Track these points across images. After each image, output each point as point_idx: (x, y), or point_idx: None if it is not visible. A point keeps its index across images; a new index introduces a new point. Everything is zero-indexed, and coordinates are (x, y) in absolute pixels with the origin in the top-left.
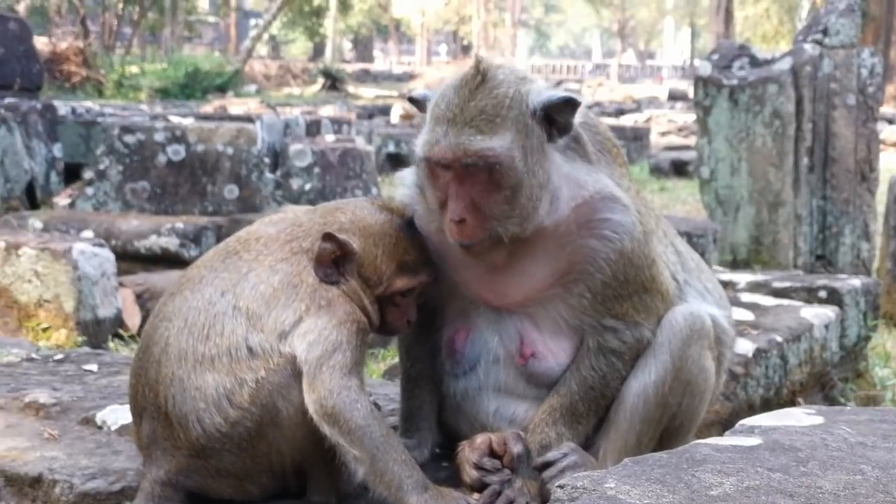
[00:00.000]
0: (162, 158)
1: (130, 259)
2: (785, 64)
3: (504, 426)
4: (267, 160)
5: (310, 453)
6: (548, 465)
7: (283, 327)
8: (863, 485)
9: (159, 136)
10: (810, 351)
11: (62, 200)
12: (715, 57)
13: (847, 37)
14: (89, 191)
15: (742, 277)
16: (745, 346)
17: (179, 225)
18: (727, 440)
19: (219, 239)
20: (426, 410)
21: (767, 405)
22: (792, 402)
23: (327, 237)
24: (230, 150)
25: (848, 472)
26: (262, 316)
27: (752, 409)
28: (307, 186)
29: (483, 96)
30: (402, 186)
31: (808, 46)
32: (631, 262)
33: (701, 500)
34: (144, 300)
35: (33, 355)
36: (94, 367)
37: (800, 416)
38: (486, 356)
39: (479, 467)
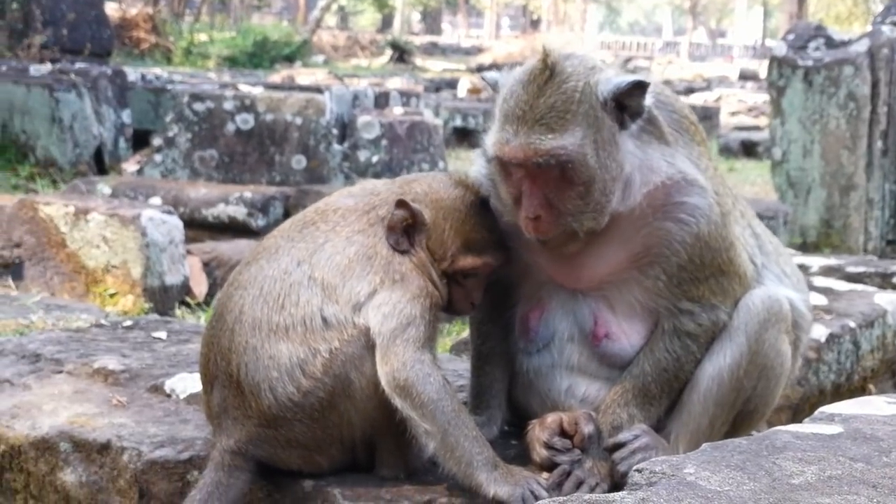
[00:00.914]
0: (231, 127)
1: (198, 227)
2: (862, 46)
3: (575, 405)
4: (335, 131)
5: (380, 426)
6: (619, 446)
7: (357, 299)
8: None
9: (228, 105)
10: (883, 337)
11: (130, 167)
12: (790, 37)
13: None
14: (157, 158)
15: (815, 261)
16: (818, 331)
17: (247, 194)
18: (807, 427)
19: (286, 209)
20: (496, 388)
21: (838, 391)
22: (863, 389)
23: (400, 204)
24: (299, 121)
25: None
26: (338, 287)
27: (822, 395)
28: (374, 158)
29: (552, 92)
30: (478, 166)
31: (885, 28)
32: (708, 245)
33: (782, 488)
34: (212, 268)
35: (102, 321)
36: (162, 334)
37: (880, 405)
38: (559, 335)
39: (549, 446)
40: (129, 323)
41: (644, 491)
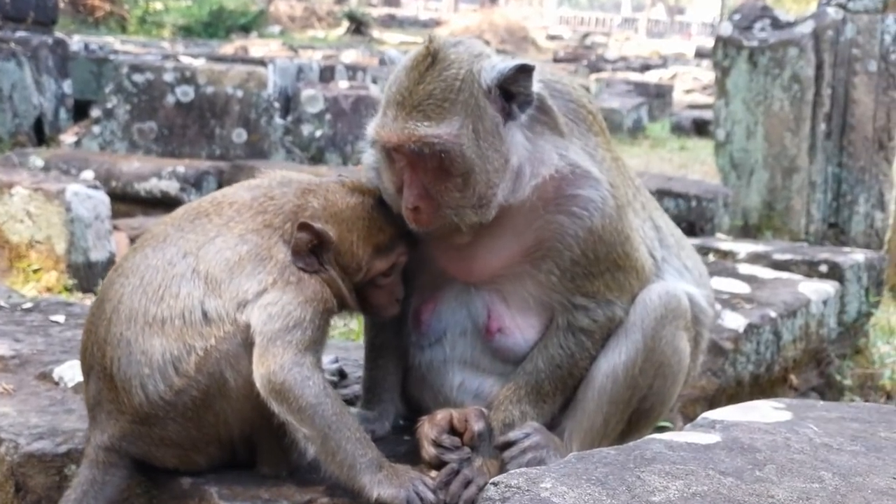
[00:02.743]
0: (171, 99)
1: (130, 201)
2: (807, 27)
3: (468, 400)
4: (277, 105)
5: (259, 426)
6: (509, 444)
7: (244, 296)
8: (819, 494)
9: (168, 77)
10: (806, 327)
11: (68, 138)
12: (736, 17)
13: (872, 1)
14: (96, 129)
15: (743, 248)
16: (736, 321)
17: (181, 169)
18: (684, 436)
19: (220, 184)
20: (389, 381)
21: (757, 382)
22: (784, 380)
23: (303, 227)
24: (240, 94)
25: (806, 478)
26: (223, 282)
27: (740, 386)
28: (318, 133)
29: (432, 79)
30: (367, 154)
31: (831, 10)
32: (602, 238)
33: None
34: None
35: (1, 303)
36: (60, 318)
37: (766, 411)
38: (452, 329)
39: (437, 444)
40: (28, 305)
41: None
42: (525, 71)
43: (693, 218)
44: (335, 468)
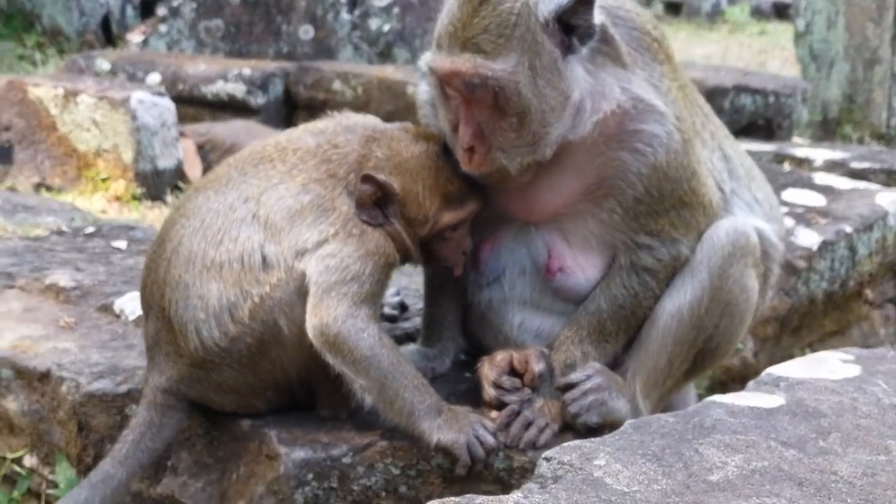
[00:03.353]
0: None
1: (198, 104)
2: None
3: (529, 340)
4: (344, 0)
5: (316, 371)
6: (570, 386)
7: (303, 245)
8: (885, 468)
9: None
10: (883, 240)
11: (135, 38)
12: None
13: None
14: (162, 28)
15: (819, 154)
16: (810, 238)
17: (247, 71)
18: (746, 398)
19: (286, 86)
20: (449, 319)
21: (831, 299)
22: (859, 295)
23: (366, 178)
24: None
25: (872, 449)
26: (283, 230)
27: (813, 304)
28: (386, 27)
29: (487, 13)
30: (421, 90)
31: None
32: (667, 175)
33: (697, 487)
34: (206, 151)
35: (63, 228)
36: (122, 244)
37: (834, 365)
38: (511, 268)
39: (497, 385)
40: (90, 230)
41: (541, 494)
42: (585, 2)
43: (770, 114)
44: (394, 416)
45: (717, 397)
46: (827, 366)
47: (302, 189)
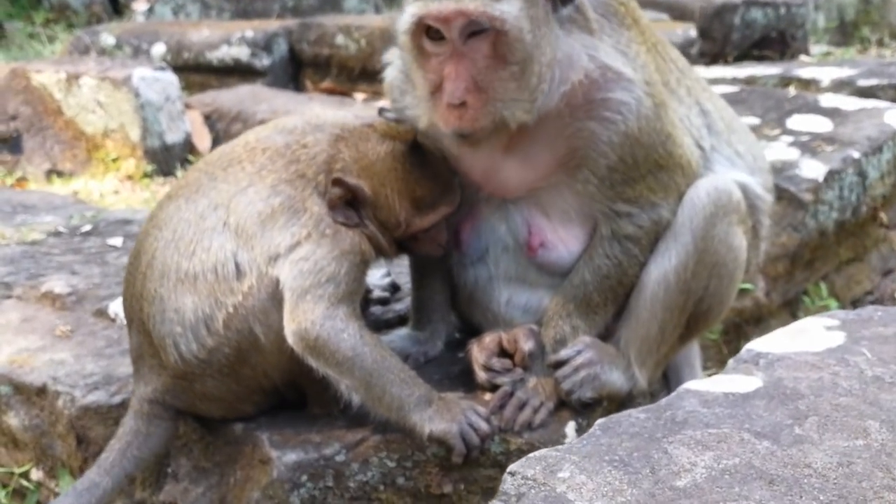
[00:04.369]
0: None
1: (204, 71)
2: None
3: (518, 316)
4: None
5: (300, 373)
6: (562, 363)
7: (276, 250)
8: (862, 455)
9: None
10: (894, 160)
11: (140, 6)
12: None
13: None
14: None
15: (826, 73)
16: (815, 170)
17: (249, 33)
18: (722, 383)
19: (290, 46)
20: (437, 300)
21: (843, 228)
22: (874, 219)
23: (336, 182)
24: None
25: (850, 433)
26: (255, 235)
27: (823, 237)
28: None
29: None
30: (392, 67)
31: None
32: (639, 141)
33: (663, 496)
34: (213, 121)
35: (61, 228)
36: (118, 241)
37: (817, 334)
38: (494, 246)
39: (488, 368)
40: (87, 228)
41: None
42: None
43: (783, 26)
44: (384, 411)
45: (692, 384)
46: (809, 335)
47: (272, 191)
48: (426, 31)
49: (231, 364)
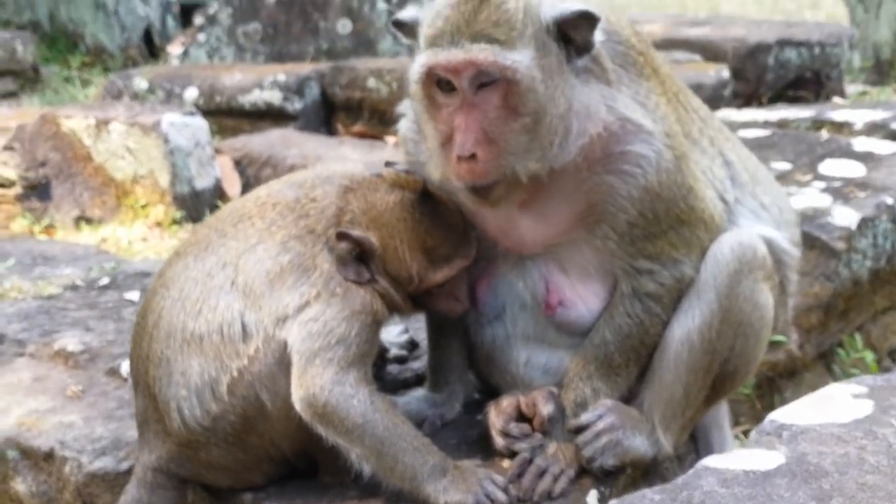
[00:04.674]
0: None
1: (237, 115)
2: None
3: (537, 377)
4: None
5: (310, 441)
6: (582, 428)
7: (284, 311)
8: None
9: None
10: None
11: (175, 50)
12: None
13: None
14: (201, 37)
15: (860, 116)
16: (848, 218)
17: (282, 77)
18: (743, 459)
19: (323, 89)
20: (454, 361)
21: (878, 276)
22: None
23: (341, 236)
24: None
25: None
26: (263, 295)
27: (857, 286)
28: None
29: (490, 11)
30: (405, 120)
31: None
32: (659, 196)
33: None
34: (244, 166)
35: (78, 281)
36: (135, 295)
37: (844, 402)
38: (511, 304)
39: (505, 434)
40: (105, 281)
41: None
42: (588, 19)
43: (818, 66)
44: (396, 481)
45: (711, 461)
46: (835, 404)
47: (281, 248)
48: (437, 81)
49: (237, 432)
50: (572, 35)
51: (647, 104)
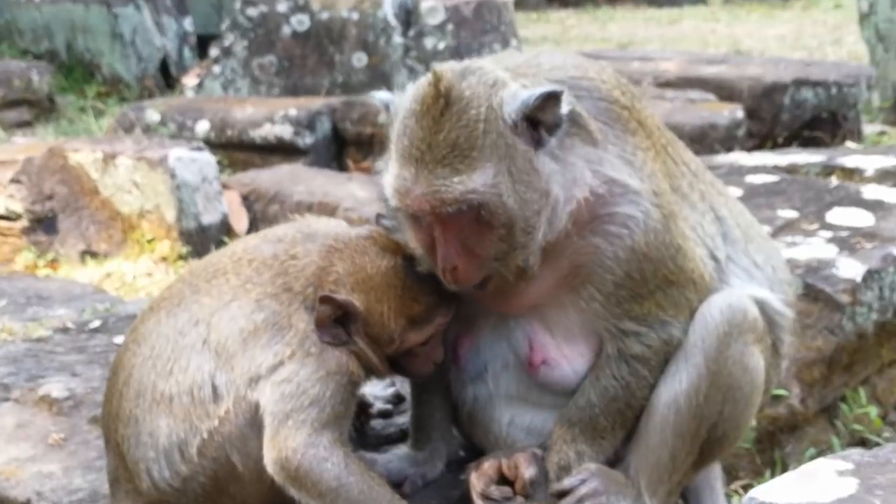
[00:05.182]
0: (287, 30)
1: (247, 149)
2: None
3: (521, 437)
4: (393, 23)
5: (283, 502)
6: (565, 493)
7: (257, 371)
8: None
9: (282, 7)
10: None
11: (191, 81)
12: None
13: None
14: (216, 69)
15: (871, 163)
16: (853, 269)
17: (293, 111)
18: None
19: (333, 125)
20: (437, 417)
21: (884, 329)
22: None
23: (325, 300)
24: (355, 16)
25: None
26: (236, 354)
27: (863, 339)
28: (441, 46)
29: (451, 125)
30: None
31: None
32: (647, 256)
33: None
34: (251, 202)
35: (69, 324)
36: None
37: (827, 479)
38: (493, 363)
39: (486, 497)
40: (96, 324)
41: None
42: (553, 98)
43: (834, 106)
44: None
45: None
46: (818, 482)
47: (256, 306)
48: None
49: (207, 493)
50: (540, 118)
51: (634, 162)
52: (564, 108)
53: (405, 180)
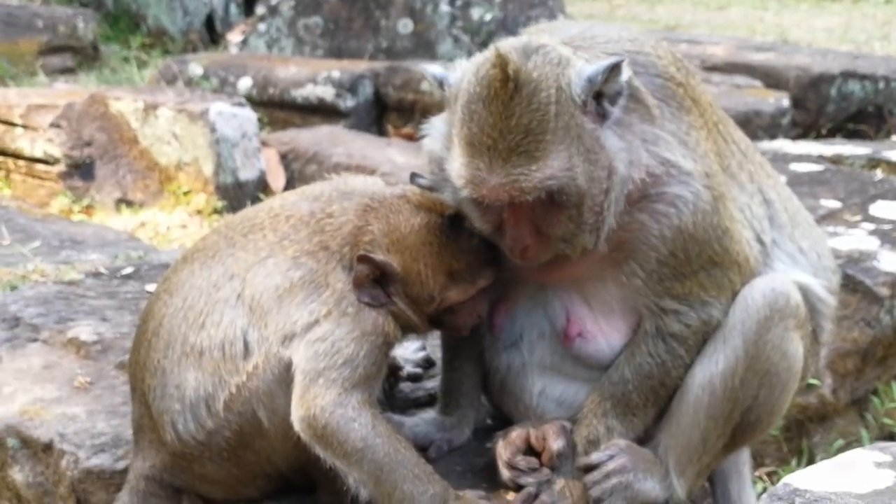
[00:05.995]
0: None
1: (288, 108)
2: None
3: (551, 408)
4: None
5: (307, 460)
6: (592, 467)
7: (291, 328)
8: None
9: None
10: None
11: (235, 38)
12: None
13: None
14: (261, 27)
15: None
16: (894, 263)
17: (336, 73)
18: None
19: (376, 88)
20: (467, 384)
21: None
22: None
23: (362, 259)
24: None
25: None
26: (270, 311)
27: None
28: (487, 17)
29: (521, 109)
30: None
31: None
32: (693, 237)
33: None
34: (289, 160)
35: (101, 269)
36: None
37: (865, 469)
38: (528, 332)
39: (512, 466)
40: (128, 271)
41: None
42: (615, 68)
43: (881, 100)
44: None
45: None
46: (856, 471)
47: (292, 263)
48: None
49: (232, 448)
50: (604, 91)
51: (689, 142)
52: (626, 75)
53: (479, 170)
